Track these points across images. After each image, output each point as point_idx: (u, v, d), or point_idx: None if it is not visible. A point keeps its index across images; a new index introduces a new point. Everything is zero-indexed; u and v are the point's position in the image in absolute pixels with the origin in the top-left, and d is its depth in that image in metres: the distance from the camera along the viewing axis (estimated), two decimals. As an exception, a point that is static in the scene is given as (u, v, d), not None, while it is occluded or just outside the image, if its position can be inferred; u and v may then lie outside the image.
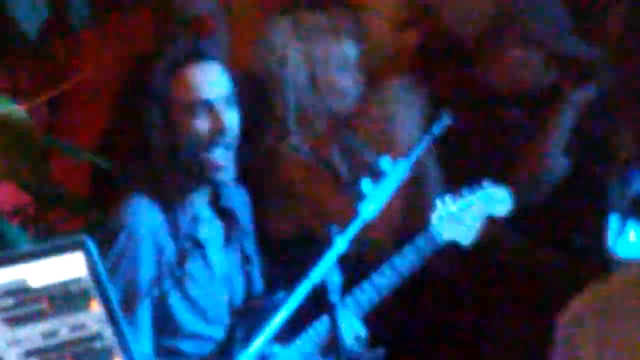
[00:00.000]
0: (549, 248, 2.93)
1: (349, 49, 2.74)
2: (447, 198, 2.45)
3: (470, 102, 3.02)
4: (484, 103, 3.04)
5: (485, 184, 2.48)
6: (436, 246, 2.43)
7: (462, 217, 2.43)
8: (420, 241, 2.39)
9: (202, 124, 2.14)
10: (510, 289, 2.87)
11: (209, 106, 2.13)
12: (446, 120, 2.16)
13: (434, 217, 2.44)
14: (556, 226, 2.92)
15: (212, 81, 2.18)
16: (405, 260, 2.34)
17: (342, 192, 2.58)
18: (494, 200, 2.49)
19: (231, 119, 2.15)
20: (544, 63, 2.95)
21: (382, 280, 2.33)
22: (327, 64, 2.70)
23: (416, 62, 3.20)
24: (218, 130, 2.13)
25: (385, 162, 1.98)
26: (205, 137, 2.13)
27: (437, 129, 2.18)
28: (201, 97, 2.15)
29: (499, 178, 2.61)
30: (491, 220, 2.57)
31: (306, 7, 2.81)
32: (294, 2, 2.84)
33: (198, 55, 2.24)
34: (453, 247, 2.54)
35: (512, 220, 2.66)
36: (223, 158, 2.15)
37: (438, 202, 2.45)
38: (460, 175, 2.73)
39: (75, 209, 2.34)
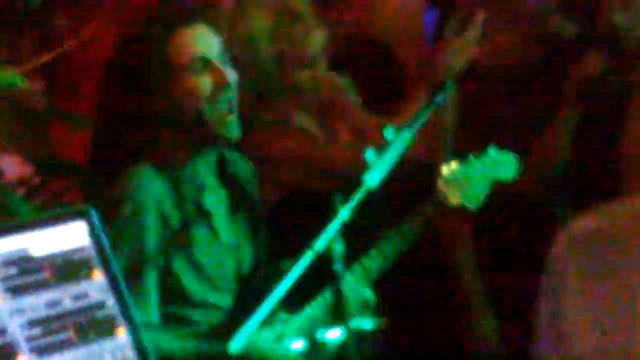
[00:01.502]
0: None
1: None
2: (453, 163, 2.50)
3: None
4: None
5: (491, 149, 2.54)
6: (443, 211, 2.48)
7: (468, 181, 2.48)
8: (427, 207, 2.43)
9: (203, 80, 2.19)
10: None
11: (207, 63, 2.19)
12: (450, 89, 2.30)
13: (440, 183, 2.48)
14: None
15: (205, 40, 2.25)
16: (413, 227, 2.39)
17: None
18: (500, 164, 2.55)
19: (230, 74, 2.21)
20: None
21: (390, 247, 2.37)
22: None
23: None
24: (220, 84, 2.18)
25: (388, 131, 2.02)
26: (208, 93, 2.18)
27: (440, 98, 2.25)
28: (199, 54, 2.20)
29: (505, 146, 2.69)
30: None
31: None
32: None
33: (190, 18, 2.31)
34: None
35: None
36: (227, 112, 2.21)
37: (444, 167, 2.51)
38: (466, 142, 2.81)
39: (77, 179, 2.38)
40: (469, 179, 2.53)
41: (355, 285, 2.28)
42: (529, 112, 3.14)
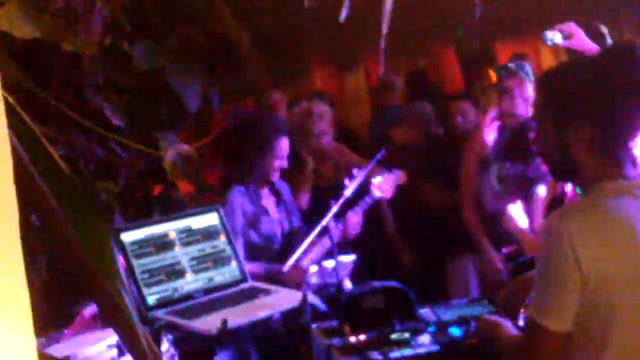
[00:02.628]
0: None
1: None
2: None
3: None
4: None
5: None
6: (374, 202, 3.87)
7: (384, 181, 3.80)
8: (366, 199, 3.84)
9: (278, 162, 3.66)
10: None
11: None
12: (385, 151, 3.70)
13: (372, 184, 3.85)
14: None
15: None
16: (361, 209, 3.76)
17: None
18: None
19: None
20: None
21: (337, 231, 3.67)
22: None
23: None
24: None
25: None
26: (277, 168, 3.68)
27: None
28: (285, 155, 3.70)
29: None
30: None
31: None
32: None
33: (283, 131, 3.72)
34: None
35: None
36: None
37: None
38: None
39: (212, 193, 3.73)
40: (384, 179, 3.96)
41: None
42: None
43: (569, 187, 3.32)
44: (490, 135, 4.04)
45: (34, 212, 1.81)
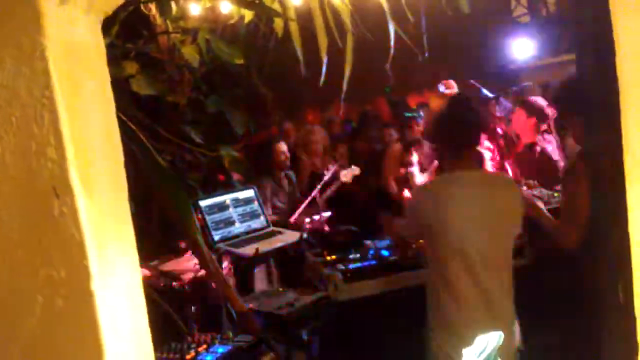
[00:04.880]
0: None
1: None
2: None
3: None
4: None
5: None
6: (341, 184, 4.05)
7: None
8: (337, 182, 4.04)
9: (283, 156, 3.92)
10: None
11: None
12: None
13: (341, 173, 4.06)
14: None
15: None
16: None
17: None
18: None
19: None
20: None
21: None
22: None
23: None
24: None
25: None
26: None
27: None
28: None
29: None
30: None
31: None
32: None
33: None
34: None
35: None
36: None
37: None
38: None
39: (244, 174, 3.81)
40: None
41: None
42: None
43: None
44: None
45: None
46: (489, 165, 3.48)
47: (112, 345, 0.94)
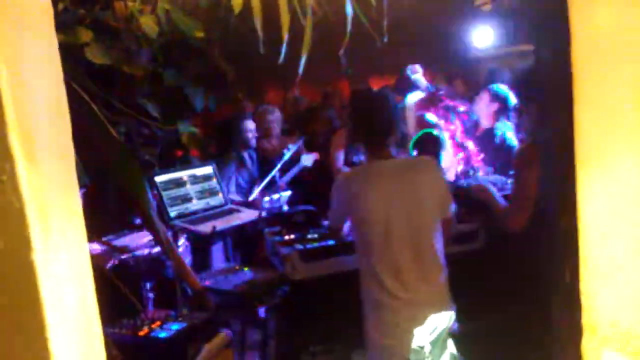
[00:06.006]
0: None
1: None
2: None
3: None
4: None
5: None
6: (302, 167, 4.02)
7: None
8: (299, 165, 3.99)
9: (249, 135, 3.93)
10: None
11: None
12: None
13: (302, 157, 4.04)
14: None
15: None
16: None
17: None
18: None
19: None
20: None
21: None
22: None
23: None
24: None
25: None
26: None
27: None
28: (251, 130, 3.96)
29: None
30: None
31: None
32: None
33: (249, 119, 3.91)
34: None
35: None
36: None
37: None
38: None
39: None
40: None
41: None
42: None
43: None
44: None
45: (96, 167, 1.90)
46: (449, 144, 3.47)
47: (54, 320, 0.90)
